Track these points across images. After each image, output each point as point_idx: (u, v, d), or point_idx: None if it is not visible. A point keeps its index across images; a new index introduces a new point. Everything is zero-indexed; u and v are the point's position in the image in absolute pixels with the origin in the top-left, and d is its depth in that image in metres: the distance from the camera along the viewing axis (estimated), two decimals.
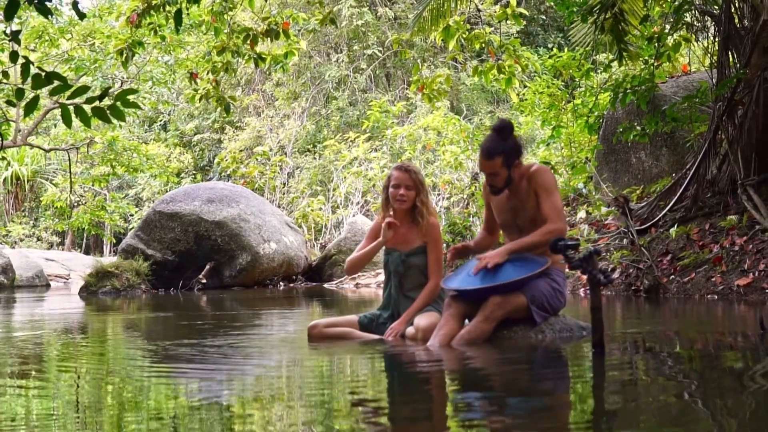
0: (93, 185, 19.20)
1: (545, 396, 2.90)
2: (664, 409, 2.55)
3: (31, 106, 4.01)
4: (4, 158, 19.44)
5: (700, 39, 9.77)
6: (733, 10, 7.80)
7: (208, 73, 8.63)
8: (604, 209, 9.04)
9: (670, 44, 8.63)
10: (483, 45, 8.80)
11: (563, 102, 11.48)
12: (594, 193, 9.91)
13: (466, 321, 4.09)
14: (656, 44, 8.51)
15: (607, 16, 7.29)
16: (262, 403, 2.83)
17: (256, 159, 18.71)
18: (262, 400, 2.90)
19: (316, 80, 21.20)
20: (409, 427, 2.47)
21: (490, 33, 8.92)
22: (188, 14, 9.92)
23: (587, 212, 9.56)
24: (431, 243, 4.44)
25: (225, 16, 8.36)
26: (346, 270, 4.68)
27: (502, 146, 4.05)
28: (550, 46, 19.09)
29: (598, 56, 10.25)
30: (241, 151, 19.63)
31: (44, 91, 4.68)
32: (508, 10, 8.57)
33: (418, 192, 4.42)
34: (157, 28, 8.30)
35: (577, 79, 11.17)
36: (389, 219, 4.39)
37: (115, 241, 22.58)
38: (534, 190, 4.06)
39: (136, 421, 2.58)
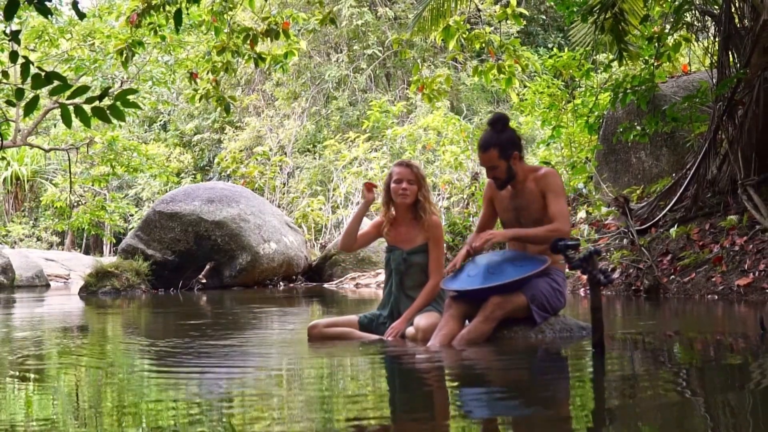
0: (93, 185, 19.19)
1: (545, 396, 2.90)
2: (664, 410, 2.55)
3: (31, 106, 4.01)
4: (3, 158, 19.43)
5: (700, 39, 9.77)
6: (733, 9, 7.80)
7: (208, 73, 8.63)
8: (604, 209, 9.03)
9: (670, 44, 8.63)
10: (483, 45, 8.79)
11: (563, 102, 11.47)
12: (594, 193, 9.91)
13: (467, 321, 4.09)
14: (656, 44, 8.51)
15: (607, 16, 7.29)
16: (261, 404, 2.83)
17: (256, 159, 18.71)
18: (262, 400, 2.90)
19: (316, 80, 21.19)
20: (410, 428, 2.47)
21: (490, 33, 8.91)
22: (188, 14, 9.91)
23: (587, 212, 9.56)
24: (432, 242, 4.43)
25: (225, 16, 8.35)
26: (341, 246, 4.68)
27: (496, 138, 4.12)
28: (550, 46, 19.09)
29: (598, 56, 10.25)
30: (241, 151, 19.63)
31: (44, 91, 4.68)
32: (508, 10, 8.56)
33: (420, 186, 4.44)
34: (157, 28, 8.29)
35: (577, 79, 11.17)
36: (367, 181, 4.44)
37: (115, 241, 22.57)
38: (542, 191, 4.09)
39: (136, 422, 2.58)
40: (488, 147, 4.10)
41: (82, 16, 4.71)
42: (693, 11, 8.47)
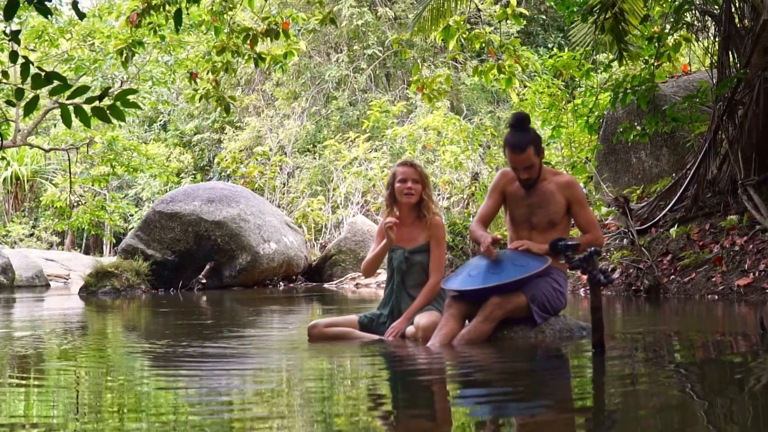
0: (93, 185, 19.18)
1: (545, 396, 2.90)
2: (664, 410, 2.55)
3: (31, 106, 4.00)
4: (3, 158, 19.43)
5: (701, 39, 9.77)
6: (733, 9, 7.80)
7: (208, 73, 8.62)
8: (604, 209, 9.03)
9: (671, 44, 8.63)
10: (483, 45, 8.79)
11: (563, 102, 11.47)
12: (594, 193, 9.91)
13: (467, 321, 4.09)
14: (656, 44, 8.50)
15: (607, 16, 7.29)
16: (261, 404, 2.83)
17: (256, 159, 18.69)
18: (262, 400, 2.90)
19: (316, 80, 21.18)
20: (410, 428, 2.46)
21: (490, 33, 8.91)
22: (188, 14, 9.91)
23: None
24: (434, 241, 4.44)
25: (225, 15, 8.35)
26: (363, 273, 4.69)
27: (528, 137, 4.11)
28: (550, 45, 19.08)
29: (598, 56, 10.25)
30: (241, 151, 19.61)
31: (44, 91, 4.68)
32: (508, 10, 8.55)
33: (424, 185, 4.45)
34: (157, 28, 8.29)
35: (577, 79, 11.16)
36: (390, 220, 4.39)
37: (115, 241, 22.55)
38: (567, 199, 4.14)
39: (136, 422, 2.58)
40: (526, 146, 4.06)
41: (82, 16, 4.71)
42: (693, 11, 8.47)
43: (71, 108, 3.67)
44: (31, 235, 24.37)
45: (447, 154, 14.91)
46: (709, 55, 8.88)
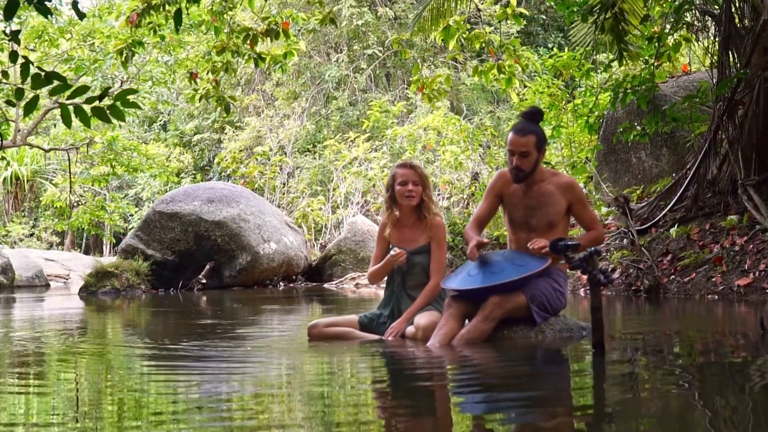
0: (93, 185, 19.18)
1: (545, 396, 2.90)
2: (664, 410, 2.55)
3: (31, 106, 4.00)
4: (3, 158, 19.43)
5: (701, 39, 9.77)
6: (733, 9, 7.80)
7: (208, 73, 8.62)
8: (604, 209, 9.03)
9: (671, 44, 8.63)
10: (483, 45, 8.79)
11: (563, 102, 11.47)
12: (594, 193, 9.91)
13: (467, 321, 4.09)
14: (656, 44, 8.50)
15: (607, 16, 7.28)
16: (262, 404, 2.83)
17: (256, 159, 18.69)
18: (262, 400, 2.90)
19: (316, 80, 21.18)
20: (409, 428, 2.46)
21: (490, 33, 8.91)
22: (188, 14, 9.91)
23: None
24: (435, 242, 4.44)
25: (225, 16, 8.35)
26: (369, 281, 4.71)
27: (534, 128, 4.13)
28: (550, 45, 19.08)
29: (598, 56, 10.24)
30: (241, 151, 19.61)
31: (44, 91, 4.68)
32: (508, 10, 8.55)
33: (424, 187, 4.45)
34: (157, 28, 8.29)
35: (577, 79, 11.16)
36: (398, 256, 4.35)
37: (114, 241, 22.55)
38: (569, 200, 4.13)
39: (136, 422, 2.58)
40: (527, 132, 4.08)
41: (82, 16, 4.71)
42: (693, 11, 8.47)
43: (71, 108, 3.67)
44: (31, 235, 24.36)
45: (447, 154, 14.91)
46: (709, 55, 8.88)
